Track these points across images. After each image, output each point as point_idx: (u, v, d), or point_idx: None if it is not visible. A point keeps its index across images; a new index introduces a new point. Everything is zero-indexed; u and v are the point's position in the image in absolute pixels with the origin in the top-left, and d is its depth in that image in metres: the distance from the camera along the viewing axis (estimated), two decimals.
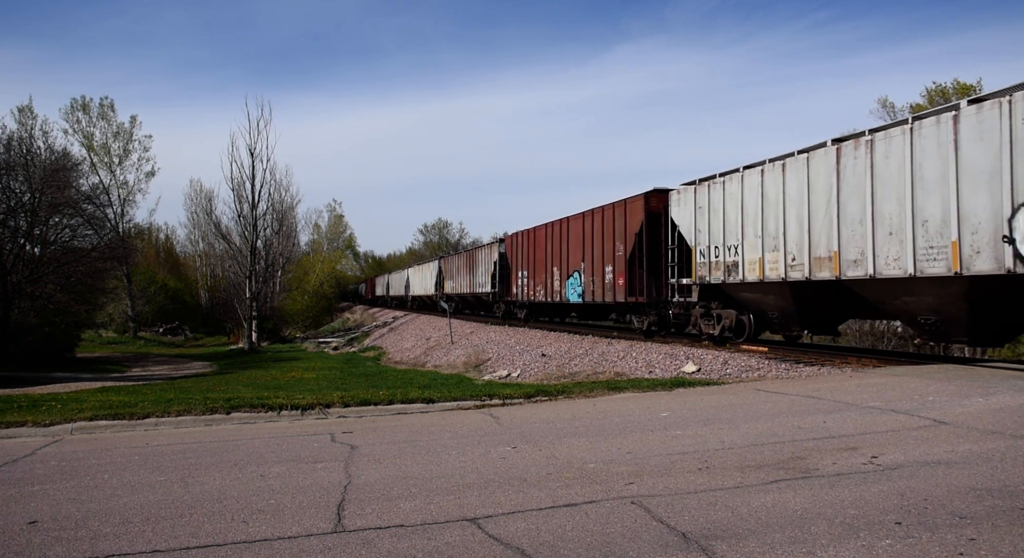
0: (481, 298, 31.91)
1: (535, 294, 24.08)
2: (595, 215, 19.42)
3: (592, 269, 19.28)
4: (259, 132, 62.60)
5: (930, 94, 31.56)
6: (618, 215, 18.00)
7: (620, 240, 17.69)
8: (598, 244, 19.07)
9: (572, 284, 20.78)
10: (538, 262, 23.73)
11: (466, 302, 36.02)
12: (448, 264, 38.70)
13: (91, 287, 30.84)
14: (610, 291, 18.19)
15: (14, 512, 4.61)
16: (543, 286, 23.20)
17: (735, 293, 13.95)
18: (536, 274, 23.99)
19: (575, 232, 20.76)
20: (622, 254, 17.53)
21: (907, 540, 3.41)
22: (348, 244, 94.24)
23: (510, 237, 27.27)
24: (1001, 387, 7.72)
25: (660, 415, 7.51)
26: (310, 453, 6.26)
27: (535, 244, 24.22)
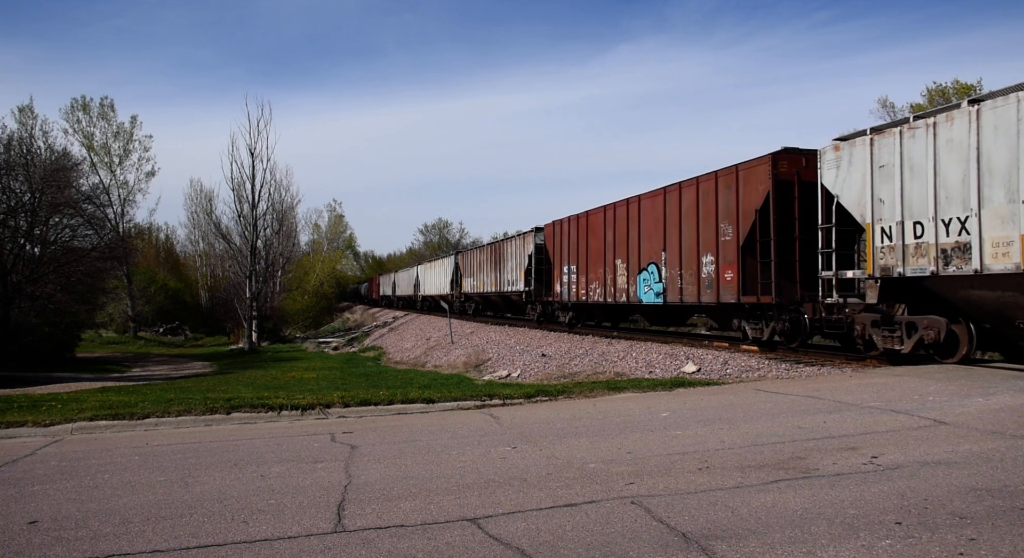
0: (510, 298, 28.00)
1: (588, 293, 20.16)
2: (684, 190, 15.27)
3: (680, 261, 15.34)
4: (259, 132, 62.77)
5: (930, 94, 31.59)
6: (725, 187, 13.84)
7: (728, 220, 13.74)
8: (690, 228, 15.07)
9: (646, 280, 16.90)
10: (592, 254, 19.82)
11: (490, 303, 32.27)
12: (467, 259, 34.17)
13: (91, 287, 30.85)
14: (709, 289, 14.25)
15: (14, 512, 4.61)
16: (599, 283, 19.44)
17: (954, 291, 9.68)
18: (590, 268, 20.04)
19: (651, 214, 16.64)
20: (731, 239, 13.58)
21: (907, 540, 3.41)
22: (348, 244, 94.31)
23: (552, 225, 23.22)
24: (1001, 387, 7.72)
25: (660, 415, 7.51)
26: (310, 453, 6.26)
27: (588, 232, 20.17)
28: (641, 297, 17.19)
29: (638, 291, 17.30)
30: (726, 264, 13.84)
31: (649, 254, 16.89)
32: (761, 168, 12.93)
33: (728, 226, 13.78)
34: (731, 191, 13.65)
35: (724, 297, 13.91)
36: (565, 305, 22.55)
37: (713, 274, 14.21)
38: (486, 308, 33.44)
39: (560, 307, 23.15)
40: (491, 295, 30.22)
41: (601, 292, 19.44)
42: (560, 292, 22.51)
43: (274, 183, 66.02)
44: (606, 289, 19.08)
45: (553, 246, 23.25)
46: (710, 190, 14.36)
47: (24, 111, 45.07)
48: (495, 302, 31.06)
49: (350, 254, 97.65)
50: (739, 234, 13.43)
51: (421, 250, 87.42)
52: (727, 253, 13.80)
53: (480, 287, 31.46)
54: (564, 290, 22.17)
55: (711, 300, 14.38)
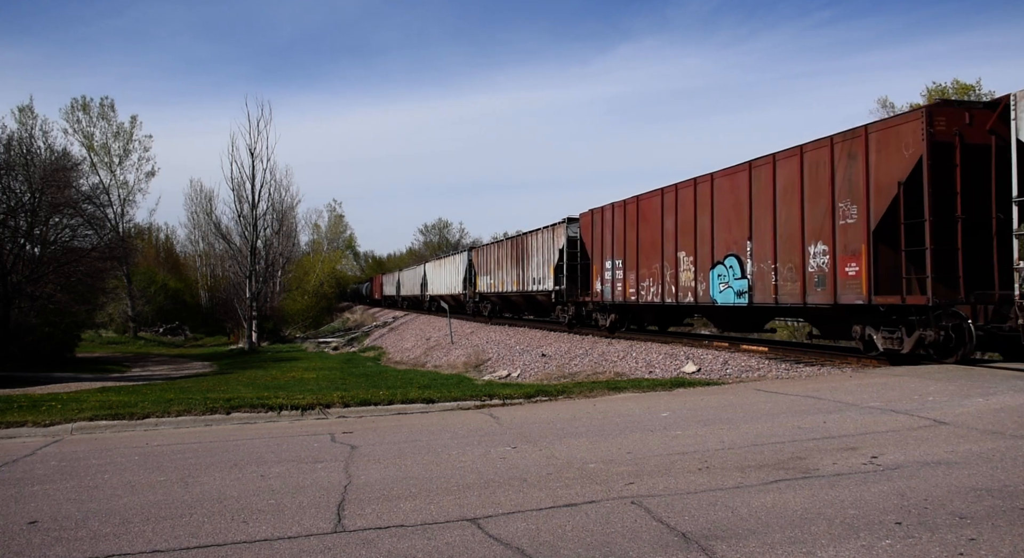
0: (534, 299, 24.91)
1: (639, 292, 17.19)
2: (781, 165, 12.34)
3: (773, 252, 12.47)
4: (259, 132, 62.25)
5: (930, 94, 31.55)
6: (845, 156, 10.91)
7: (851, 198, 10.72)
8: (789, 210, 12.08)
9: (722, 277, 13.93)
10: (645, 246, 16.94)
11: (509, 304, 29.29)
12: (484, 256, 30.85)
13: (91, 287, 30.86)
14: (820, 287, 11.34)
15: (14, 512, 4.61)
16: (653, 280, 16.53)
17: None
18: (641, 263, 17.05)
19: (730, 196, 13.72)
20: (856, 222, 10.63)
21: (907, 540, 3.41)
22: (348, 244, 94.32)
23: (589, 214, 20.34)
24: (1001, 387, 7.72)
25: (660, 415, 7.51)
26: (310, 453, 6.26)
27: (639, 220, 17.25)
28: (715, 297, 14.09)
29: (711, 289, 14.23)
30: (848, 255, 10.82)
31: (727, 244, 13.81)
32: (907, 127, 10.02)
33: (852, 206, 10.73)
34: (856, 161, 10.68)
35: (844, 296, 10.89)
36: (604, 306, 19.56)
37: (826, 268, 11.20)
38: (504, 309, 30.45)
39: (598, 309, 20.09)
40: (511, 295, 27.28)
41: (656, 291, 16.33)
42: (600, 291, 19.36)
43: (274, 183, 65.78)
44: (663, 287, 16.02)
45: (591, 238, 20.10)
46: (821, 161, 11.36)
47: (24, 111, 45.03)
48: (515, 303, 28.18)
49: (350, 254, 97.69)
50: (869, 216, 10.45)
51: (421, 250, 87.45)
52: (849, 240, 10.79)
53: (498, 286, 28.42)
54: (606, 289, 19.01)
55: (822, 301, 11.33)
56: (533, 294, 24.40)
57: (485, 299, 31.43)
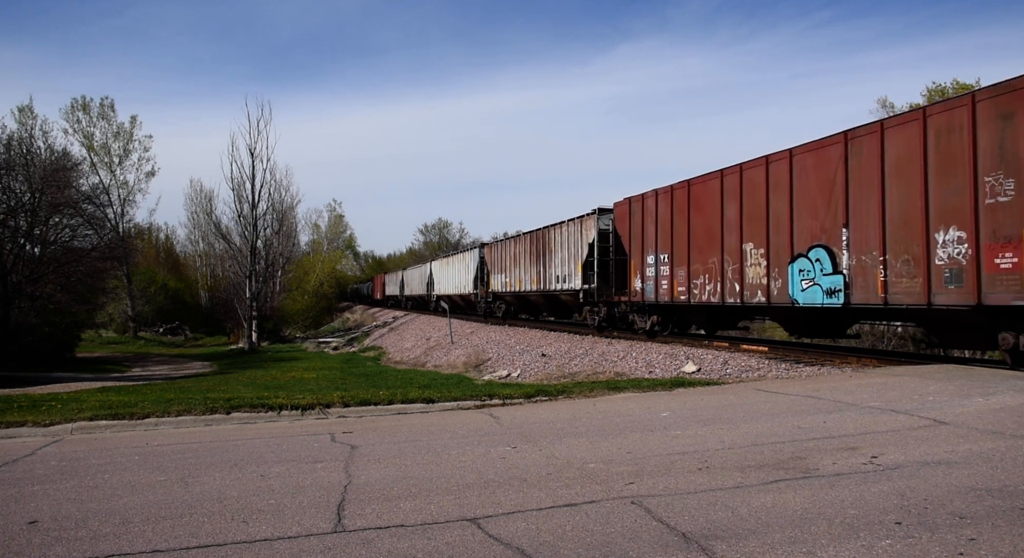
0: (557, 299, 22.81)
1: (690, 291, 15.01)
2: (891, 134, 10.29)
3: (881, 241, 10.35)
4: (259, 132, 62.60)
5: (930, 94, 31.54)
6: (994, 119, 8.87)
7: (1008, 169, 8.68)
8: (905, 189, 10.03)
9: (806, 272, 11.74)
10: (698, 237, 14.87)
11: (527, 305, 27.18)
12: (498, 252, 28.78)
13: (91, 287, 30.86)
14: (954, 283, 9.26)
15: (14, 512, 4.61)
16: (709, 277, 14.42)
17: None
18: (694, 258, 14.97)
19: (816, 175, 11.59)
20: (1014, 199, 8.60)
21: (907, 540, 3.41)
22: (348, 244, 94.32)
23: (626, 203, 18.07)
24: (1001, 387, 7.72)
25: (660, 415, 7.51)
26: (310, 453, 6.26)
27: (691, 208, 15.15)
28: (796, 296, 11.95)
29: (790, 287, 12.06)
30: (999, 243, 8.72)
31: (812, 233, 11.70)
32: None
33: (1006, 180, 8.67)
34: (1012, 122, 8.64)
35: (992, 296, 8.78)
36: (644, 307, 17.45)
37: (963, 259, 9.13)
38: (521, 310, 28.40)
39: (636, 309, 17.95)
40: (530, 295, 25.05)
41: (714, 289, 14.18)
42: (640, 290, 17.19)
43: (274, 183, 66.01)
44: (723, 285, 13.90)
45: (628, 230, 17.88)
46: (955, 126, 9.33)
47: (24, 111, 45.08)
48: (535, 303, 26.05)
49: (350, 254, 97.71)
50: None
51: (421, 250, 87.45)
52: (1001, 224, 8.72)
53: (515, 285, 26.30)
54: (647, 287, 16.87)
55: (957, 301, 9.21)
56: (556, 294, 22.31)
57: (499, 299, 29.63)
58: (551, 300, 23.75)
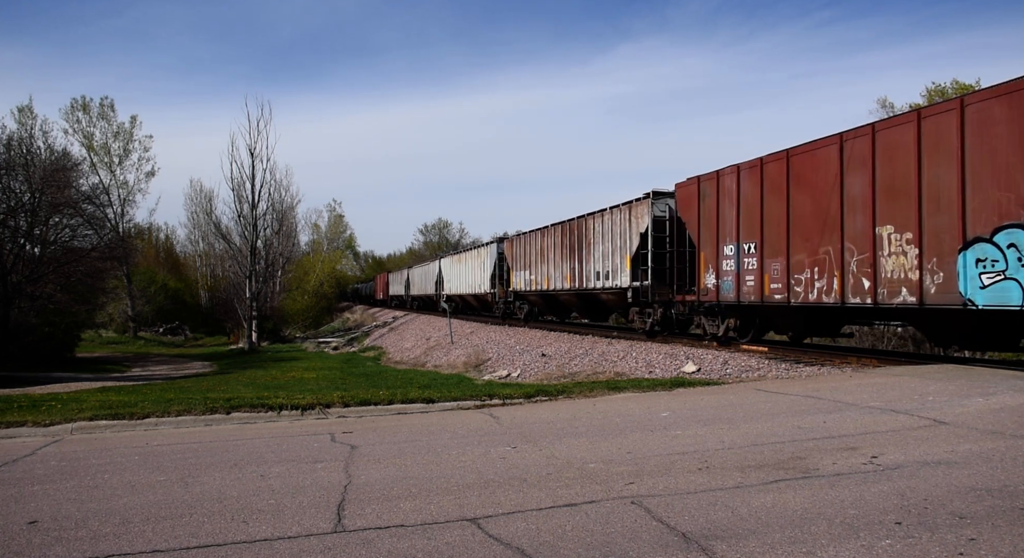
0: (596, 298, 20.31)
1: (790, 288, 12.24)
2: None
3: None
4: (259, 132, 62.53)
5: (930, 94, 31.54)
6: None
7: None
8: None
9: (989, 263, 9.07)
10: (803, 221, 12.01)
11: (555, 305, 24.36)
12: (520, 247, 25.83)
13: (91, 287, 30.87)
14: None
15: (14, 512, 4.61)
16: (822, 271, 11.55)
17: None
18: (795, 246, 12.19)
19: (1003, 131, 8.93)
20: None
21: (907, 540, 3.41)
22: (348, 244, 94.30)
23: (694, 182, 15.17)
24: (1001, 387, 7.72)
25: (660, 415, 7.51)
26: (310, 453, 6.26)
27: (790, 185, 12.35)
28: (972, 295, 9.19)
29: (960, 283, 9.36)
30: None
31: (1001, 210, 8.94)
32: None
33: None
34: None
35: None
36: (716, 308, 14.74)
37: None
38: (547, 311, 25.57)
39: (706, 311, 15.18)
40: (560, 294, 22.29)
41: (827, 286, 11.36)
42: (714, 287, 14.38)
43: (274, 183, 65.98)
44: (844, 281, 11.05)
45: (697, 216, 15.00)
46: None
47: (24, 111, 45.00)
48: (564, 303, 23.38)
49: (350, 254, 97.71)
50: None
51: (421, 250, 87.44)
52: None
53: (541, 283, 23.49)
54: (724, 284, 14.10)
55: None
56: (595, 292, 19.61)
57: (521, 299, 26.78)
58: (587, 300, 21.15)
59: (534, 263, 24.48)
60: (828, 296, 11.45)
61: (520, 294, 26.53)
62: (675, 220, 16.30)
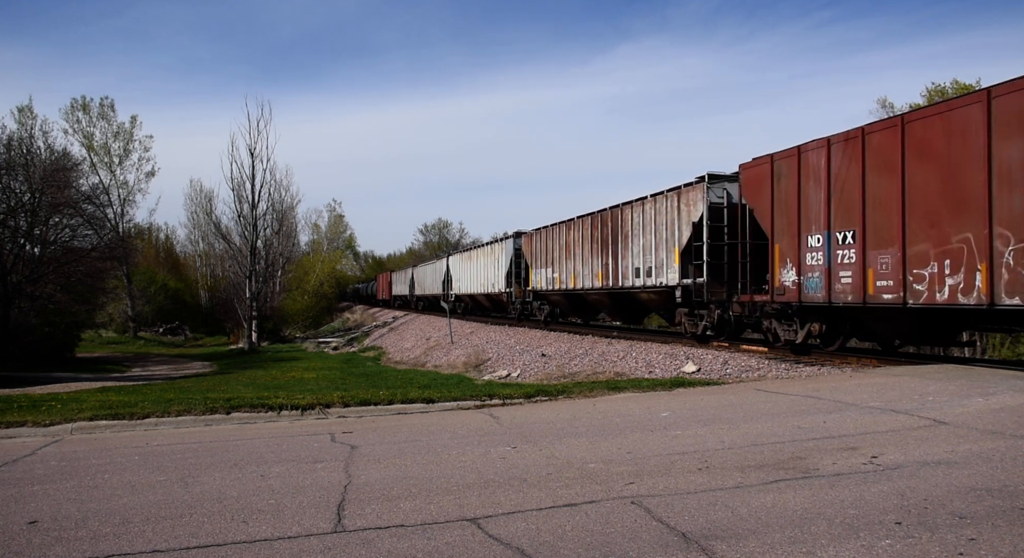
0: (634, 298, 18.28)
1: (907, 285, 9.97)
2: None
3: None
4: (259, 132, 62.47)
5: (929, 94, 31.56)
6: None
7: None
8: None
9: None
10: (924, 202, 9.82)
11: (582, 306, 22.15)
12: (541, 242, 23.66)
13: (91, 287, 30.86)
14: None
15: (14, 512, 4.61)
16: (954, 265, 9.36)
17: None
18: (913, 234, 9.94)
19: None
20: None
21: (907, 540, 3.41)
22: (348, 244, 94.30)
23: (766, 162, 12.88)
24: (1001, 387, 7.72)
25: (660, 415, 7.51)
26: (310, 453, 6.26)
27: (905, 158, 10.08)
28: None
29: None
30: None
31: None
32: None
33: None
34: None
35: None
36: (787, 310, 12.64)
37: None
38: (572, 312, 23.42)
39: (777, 313, 13.00)
40: (590, 294, 20.05)
41: (967, 283, 9.11)
42: (794, 285, 12.15)
43: (274, 183, 65.92)
44: (994, 276, 8.82)
45: (770, 201, 12.72)
46: None
47: (24, 111, 45.02)
48: (594, 304, 21.17)
49: (350, 254, 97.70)
50: None
51: (421, 250, 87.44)
52: None
53: (566, 281, 21.29)
54: (808, 282, 11.87)
55: None
56: (632, 291, 17.57)
57: (542, 299, 24.65)
58: (621, 299, 19.02)
59: (558, 260, 22.09)
60: (967, 296, 9.14)
61: (541, 294, 24.22)
62: (736, 207, 14.26)
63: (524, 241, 25.84)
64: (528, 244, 25.20)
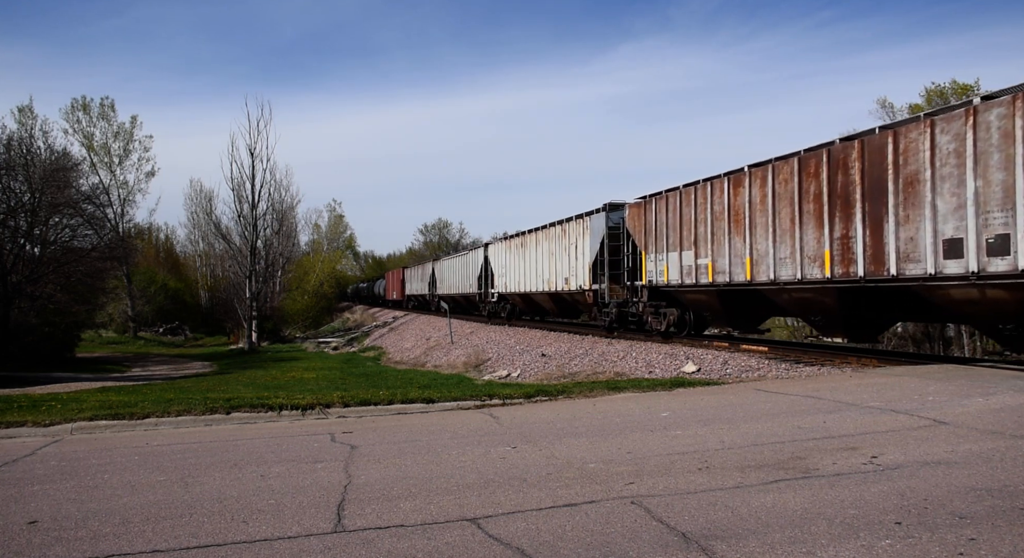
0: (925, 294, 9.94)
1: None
2: None
3: None
4: (259, 132, 62.56)
5: (929, 94, 31.56)
6: None
7: None
8: None
9: None
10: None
11: (741, 306, 14.24)
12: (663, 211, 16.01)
13: (91, 287, 30.87)
14: None
15: (14, 512, 4.61)
16: None
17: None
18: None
19: None
20: None
21: (907, 540, 3.41)
22: (348, 244, 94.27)
23: None
24: (1001, 387, 7.72)
25: (660, 415, 7.51)
26: (310, 453, 6.26)
27: None
28: None
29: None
30: None
31: None
32: None
33: None
34: None
35: None
36: None
37: None
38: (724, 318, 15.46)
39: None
40: (799, 289, 12.00)
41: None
42: None
43: (274, 183, 65.96)
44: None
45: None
46: None
47: (24, 111, 44.93)
48: (782, 306, 13.35)
49: (350, 254, 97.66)
50: None
51: (421, 250, 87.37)
52: None
53: (723, 273, 13.70)
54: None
55: None
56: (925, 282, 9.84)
57: (659, 297, 16.67)
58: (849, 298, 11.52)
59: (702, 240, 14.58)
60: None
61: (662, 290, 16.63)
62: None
63: (631, 213, 17.75)
64: (636, 218, 17.49)
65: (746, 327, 15.86)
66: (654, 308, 17.18)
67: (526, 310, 27.49)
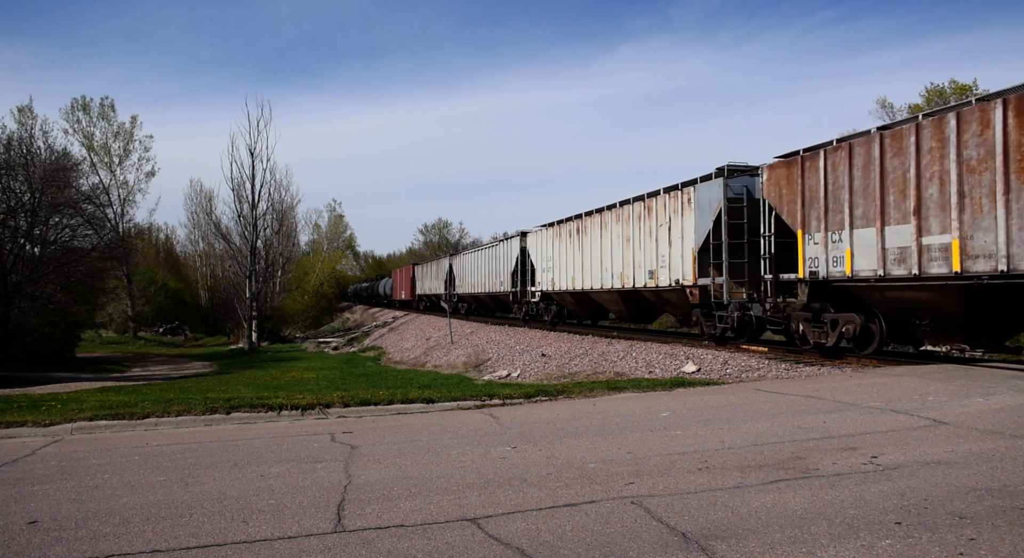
0: None
1: None
2: None
3: None
4: (259, 132, 62.57)
5: (928, 94, 31.55)
6: None
7: None
8: None
9: None
10: None
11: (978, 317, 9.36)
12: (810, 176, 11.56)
13: (91, 287, 30.86)
14: None
15: (14, 512, 4.61)
16: None
17: None
18: None
19: None
20: None
21: (907, 540, 3.41)
22: (348, 244, 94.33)
23: None
24: (1001, 387, 7.72)
25: (660, 415, 7.51)
26: (310, 453, 6.26)
27: None
28: None
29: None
30: None
31: None
32: None
33: None
34: None
35: None
36: None
37: None
38: (960, 327, 9.92)
39: None
40: None
41: None
42: None
43: (274, 183, 65.95)
44: None
45: None
46: None
47: (24, 111, 44.93)
48: None
49: (350, 254, 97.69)
50: None
51: (421, 250, 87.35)
52: None
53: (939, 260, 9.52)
54: None
55: None
56: None
57: (826, 297, 11.89)
58: None
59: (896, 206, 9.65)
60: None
61: (845, 288, 11.43)
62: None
63: (769, 174, 12.76)
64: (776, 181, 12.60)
65: (993, 342, 10.35)
66: (812, 313, 12.11)
67: (578, 312, 22.46)
